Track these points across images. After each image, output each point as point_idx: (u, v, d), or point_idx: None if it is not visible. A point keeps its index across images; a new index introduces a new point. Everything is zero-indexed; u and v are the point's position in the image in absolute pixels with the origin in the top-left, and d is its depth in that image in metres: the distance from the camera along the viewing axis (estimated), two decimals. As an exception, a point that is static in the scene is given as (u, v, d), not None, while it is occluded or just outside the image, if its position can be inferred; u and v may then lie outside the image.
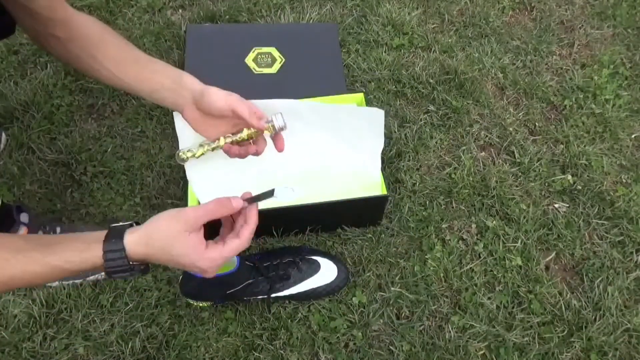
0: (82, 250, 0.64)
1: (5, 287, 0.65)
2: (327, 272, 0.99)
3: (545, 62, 1.40)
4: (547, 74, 1.37)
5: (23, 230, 0.98)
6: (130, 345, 0.95)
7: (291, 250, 1.03)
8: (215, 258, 0.67)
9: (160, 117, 1.25)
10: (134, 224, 0.67)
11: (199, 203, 1.07)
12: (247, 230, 0.70)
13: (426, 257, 1.06)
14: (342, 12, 1.47)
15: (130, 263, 0.64)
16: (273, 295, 0.97)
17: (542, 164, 1.20)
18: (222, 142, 0.81)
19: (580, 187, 1.17)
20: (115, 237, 0.64)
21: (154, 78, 0.83)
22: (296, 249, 1.05)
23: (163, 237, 0.65)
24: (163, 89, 0.82)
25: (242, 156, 0.84)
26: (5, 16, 0.80)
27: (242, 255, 0.94)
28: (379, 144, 1.07)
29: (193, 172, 0.97)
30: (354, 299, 1.01)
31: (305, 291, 0.98)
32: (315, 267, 0.99)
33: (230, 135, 0.81)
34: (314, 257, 1.01)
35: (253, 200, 0.71)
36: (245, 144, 0.83)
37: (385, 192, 1.02)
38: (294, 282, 0.98)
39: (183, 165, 0.97)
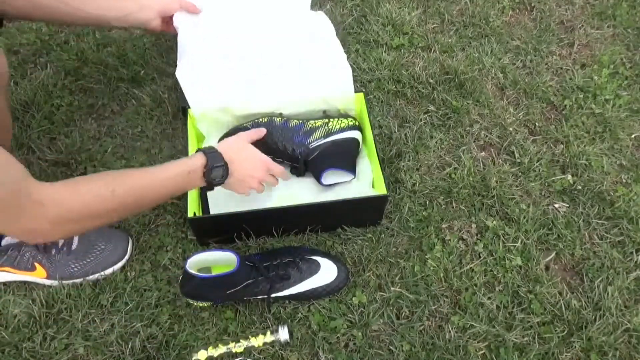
0: (186, 160, 0.88)
1: (137, 196, 0.81)
2: (327, 272, 0.99)
3: (545, 62, 1.40)
4: (547, 74, 1.37)
5: None
6: (130, 345, 0.95)
7: (291, 250, 1.03)
8: (265, 160, 0.99)
9: (160, 117, 1.25)
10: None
11: (199, 204, 1.08)
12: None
13: (426, 257, 1.06)
14: (342, 12, 1.47)
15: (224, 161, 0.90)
16: (273, 295, 0.97)
17: (542, 164, 1.20)
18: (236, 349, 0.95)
19: (580, 187, 1.17)
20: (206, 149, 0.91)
21: (117, 4, 1.02)
22: (296, 249, 1.05)
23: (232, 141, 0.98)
24: (130, 13, 1.04)
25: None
26: None
27: (242, 256, 0.94)
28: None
29: (186, 81, 1.10)
30: (354, 299, 1.01)
31: (305, 291, 0.98)
32: (315, 267, 0.99)
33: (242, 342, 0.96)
34: (314, 257, 1.01)
35: None
36: None
37: (385, 192, 1.02)
38: (294, 282, 0.98)
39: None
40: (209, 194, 1.07)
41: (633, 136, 1.26)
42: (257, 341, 0.94)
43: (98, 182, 0.78)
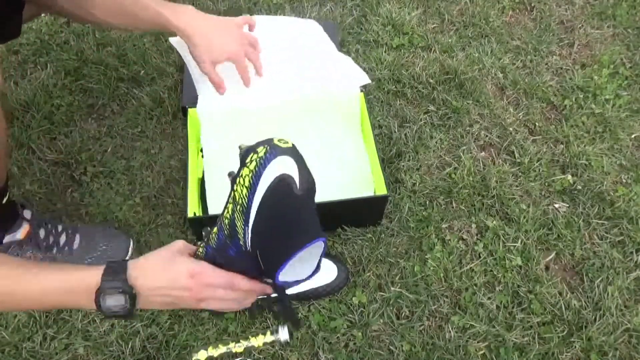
0: (75, 271, 0.65)
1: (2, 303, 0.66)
2: (327, 272, 0.99)
3: (545, 62, 1.40)
4: (547, 74, 1.37)
5: (25, 226, 0.98)
6: (130, 345, 0.95)
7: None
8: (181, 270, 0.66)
9: (160, 117, 1.25)
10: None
11: (199, 204, 1.08)
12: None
13: (426, 257, 1.06)
14: (342, 12, 1.47)
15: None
16: (273, 295, 0.97)
17: (542, 164, 1.20)
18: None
19: (580, 187, 1.16)
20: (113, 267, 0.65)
21: (151, 12, 0.95)
22: (296, 248, 1.04)
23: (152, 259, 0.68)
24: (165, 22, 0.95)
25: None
26: (16, 18, 0.81)
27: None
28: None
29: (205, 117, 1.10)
30: (354, 299, 1.01)
31: (305, 291, 0.98)
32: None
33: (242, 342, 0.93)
34: (314, 257, 1.00)
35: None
36: None
37: (385, 192, 1.02)
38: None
39: (184, 164, 1.01)
40: (209, 194, 1.06)
41: (633, 136, 1.26)
42: (257, 341, 0.94)
43: None
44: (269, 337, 0.95)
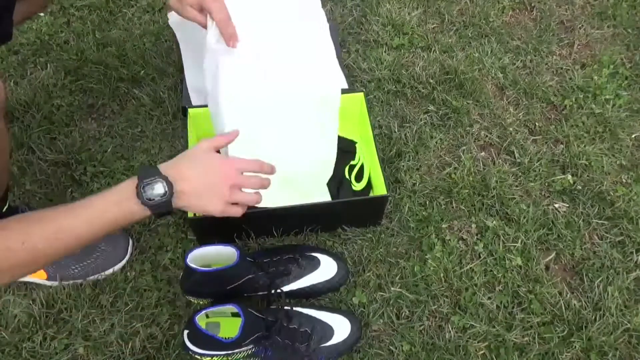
0: (114, 188, 0.70)
1: (53, 243, 0.67)
2: (327, 268, 0.99)
3: (545, 62, 1.40)
4: (547, 74, 1.37)
5: None
6: (130, 345, 0.95)
7: (291, 248, 1.03)
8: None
9: (160, 117, 1.25)
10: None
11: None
12: None
13: (426, 257, 1.06)
14: (342, 12, 1.47)
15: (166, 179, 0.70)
16: (273, 291, 0.97)
17: (542, 164, 1.20)
18: None
19: (580, 187, 1.16)
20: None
21: None
22: (296, 246, 1.05)
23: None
24: None
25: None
26: (5, 18, 0.80)
27: (242, 252, 0.94)
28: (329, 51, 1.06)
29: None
30: (354, 299, 1.01)
31: (305, 287, 0.98)
32: (315, 264, 0.99)
33: None
34: (314, 254, 1.01)
35: None
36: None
37: (385, 192, 1.02)
38: (294, 278, 0.98)
39: None
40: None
41: (633, 136, 1.26)
42: None
43: (9, 232, 0.66)
44: None
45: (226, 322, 0.94)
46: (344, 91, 1.12)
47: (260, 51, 0.97)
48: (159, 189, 0.70)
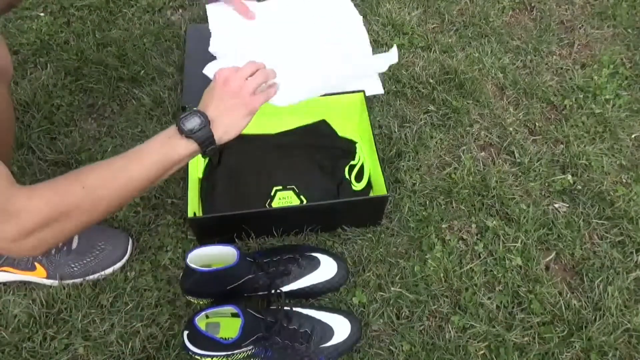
0: (160, 134, 0.77)
1: (110, 184, 0.72)
2: (327, 268, 0.99)
3: (545, 62, 1.40)
4: (547, 74, 1.37)
5: None
6: (130, 345, 0.95)
7: (291, 248, 1.03)
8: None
9: (160, 117, 1.25)
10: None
11: (199, 204, 1.08)
12: None
13: (426, 257, 1.06)
14: (342, 12, 1.47)
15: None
16: (273, 291, 0.97)
17: (542, 164, 1.20)
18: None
19: (580, 187, 1.17)
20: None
21: None
22: (296, 246, 1.05)
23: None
24: None
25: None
26: None
27: (242, 252, 0.94)
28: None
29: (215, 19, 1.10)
30: (354, 299, 1.01)
31: (305, 287, 0.98)
32: (315, 264, 0.99)
33: None
34: (314, 254, 1.01)
35: None
36: None
37: (385, 192, 1.02)
38: (294, 278, 0.98)
39: (184, 168, 1.00)
40: (209, 194, 1.06)
41: (633, 136, 1.26)
42: None
43: (67, 179, 0.71)
44: None
45: (226, 322, 0.94)
46: (344, 92, 1.13)
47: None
48: (195, 120, 0.78)
